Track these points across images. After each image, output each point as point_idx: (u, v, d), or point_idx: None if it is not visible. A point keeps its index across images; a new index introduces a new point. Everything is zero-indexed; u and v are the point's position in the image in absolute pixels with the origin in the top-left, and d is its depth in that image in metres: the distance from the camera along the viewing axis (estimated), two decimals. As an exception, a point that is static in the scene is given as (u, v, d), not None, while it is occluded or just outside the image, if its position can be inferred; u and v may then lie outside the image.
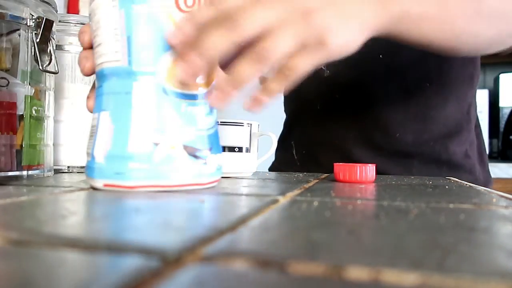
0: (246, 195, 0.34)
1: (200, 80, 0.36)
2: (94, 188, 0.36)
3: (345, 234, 0.19)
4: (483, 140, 0.74)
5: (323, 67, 0.68)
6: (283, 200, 0.30)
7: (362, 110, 0.66)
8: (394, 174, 0.65)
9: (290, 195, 0.33)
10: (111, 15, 0.34)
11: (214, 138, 0.38)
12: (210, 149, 0.37)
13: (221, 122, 0.52)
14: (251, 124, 0.54)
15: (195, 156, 0.36)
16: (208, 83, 0.37)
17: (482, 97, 1.67)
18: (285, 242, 0.18)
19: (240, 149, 0.53)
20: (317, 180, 0.48)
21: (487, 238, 0.19)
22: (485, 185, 0.69)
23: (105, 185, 0.34)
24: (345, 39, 0.36)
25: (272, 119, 0.95)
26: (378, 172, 0.63)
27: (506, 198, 0.35)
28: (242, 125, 0.53)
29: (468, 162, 0.67)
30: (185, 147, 0.35)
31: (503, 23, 0.49)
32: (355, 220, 0.23)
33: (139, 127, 0.34)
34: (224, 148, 0.52)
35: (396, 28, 0.43)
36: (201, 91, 0.36)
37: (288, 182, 0.45)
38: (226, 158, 0.52)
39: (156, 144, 0.34)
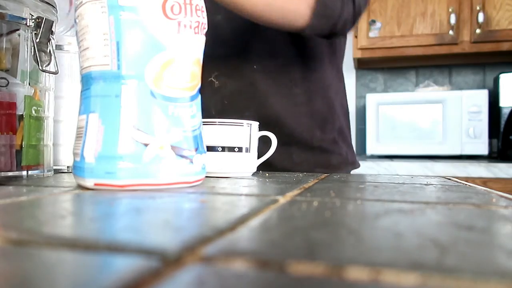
0: (246, 195, 0.34)
1: (185, 84, 0.38)
2: (84, 188, 0.36)
3: (345, 234, 0.19)
4: (349, 128, 0.91)
5: (213, 80, 0.83)
6: (282, 200, 0.30)
7: (246, 112, 0.79)
8: (279, 161, 0.77)
9: (290, 195, 0.33)
10: (100, 20, 0.35)
11: (199, 138, 0.40)
12: (196, 149, 0.39)
13: (221, 122, 0.52)
14: (251, 124, 0.54)
15: (182, 156, 0.37)
16: (193, 87, 0.39)
17: (482, 97, 1.67)
18: (285, 242, 0.18)
19: (240, 149, 0.53)
20: (317, 180, 0.48)
21: (487, 238, 0.19)
22: (353, 164, 0.86)
23: (96, 185, 0.35)
24: None
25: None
26: (268, 162, 0.74)
27: (506, 198, 0.35)
28: (242, 125, 0.53)
29: (337, 147, 0.83)
30: (173, 148, 0.37)
31: None
32: (355, 220, 0.23)
33: (129, 128, 0.35)
34: (224, 148, 0.52)
35: None
36: (187, 94, 0.38)
37: (287, 182, 0.45)
38: (226, 158, 0.52)
39: (146, 145, 0.35)
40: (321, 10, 0.65)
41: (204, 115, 0.83)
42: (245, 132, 0.53)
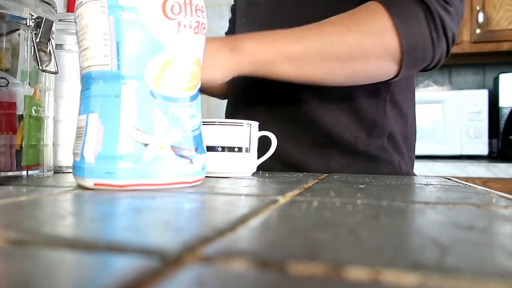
0: (246, 195, 0.34)
1: (185, 84, 0.38)
2: (84, 188, 0.36)
3: (345, 234, 0.19)
4: (408, 134, 0.76)
5: None
6: (282, 200, 0.30)
7: (277, 106, 0.72)
8: (313, 165, 0.68)
9: (290, 195, 0.33)
10: (100, 20, 0.35)
11: (199, 138, 0.40)
12: (196, 149, 0.39)
13: (221, 122, 0.52)
14: (251, 124, 0.54)
15: (182, 156, 0.37)
16: (193, 87, 0.39)
17: (481, 97, 1.67)
18: (285, 242, 0.18)
19: (240, 149, 0.53)
20: (317, 180, 0.48)
21: (487, 238, 0.19)
22: (407, 176, 0.71)
23: (96, 184, 0.35)
24: (207, 76, 0.53)
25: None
26: (298, 164, 0.69)
27: (506, 198, 0.35)
28: (242, 125, 0.53)
29: (386, 154, 0.70)
30: (173, 148, 0.37)
31: (357, 65, 0.58)
32: (355, 220, 0.23)
33: (129, 128, 0.35)
34: (224, 148, 0.52)
35: (254, 69, 0.58)
36: (187, 94, 0.38)
37: (287, 182, 0.45)
38: (226, 158, 0.52)
39: (145, 145, 0.35)
40: (410, 63, 0.57)
41: (235, 108, 0.79)
42: (245, 132, 0.53)
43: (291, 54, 0.56)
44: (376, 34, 0.56)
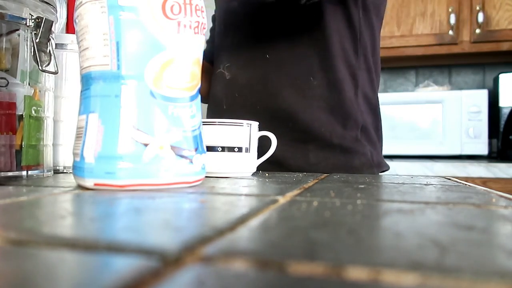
0: (246, 195, 0.34)
1: (185, 84, 0.38)
2: (84, 188, 0.36)
3: (345, 234, 0.19)
4: (378, 126, 0.81)
5: (224, 71, 0.79)
6: (282, 200, 0.30)
7: (258, 105, 0.75)
8: (292, 161, 0.73)
9: (290, 195, 0.33)
10: (100, 20, 0.35)
11: (199, 138, 0.40)
12: (196, 149, 0.39)
13: (220, 122, 0.52)
14: (250, 124, 0.54)
15: (182, 156, 0.37)
16: (193, 87, 0.39)
17: (481, 97, 1.67)
18: (284, 242, 0.18)
19: (240, 149, 0.53)
20: (317, 180, 0.48)
21: (487, 238, 0.19)
22: (379, 166, 0.77)
23: (96, 185, 0.35)
24: None
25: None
26: (280, 161, 0.72)
27: (506, 198, 0.35)
28: (242, 125, 0.53)
29: (360, 146, 0.75)
30: (173, 148, 0.37)
31: None
32: (355, 220, 0.23)
33: (129, 128, 0.35)
34: (224, 148, 0.52)
35: None
36: (186, 94, 0.38)
37: (287, 182, 0.45)
38: (226, 158, 0.52)
39: (145, 145, 0.35)
40: None
41: (216, 109, 0.82)
42: (245, 132, 0.53)
43: None
44: None
